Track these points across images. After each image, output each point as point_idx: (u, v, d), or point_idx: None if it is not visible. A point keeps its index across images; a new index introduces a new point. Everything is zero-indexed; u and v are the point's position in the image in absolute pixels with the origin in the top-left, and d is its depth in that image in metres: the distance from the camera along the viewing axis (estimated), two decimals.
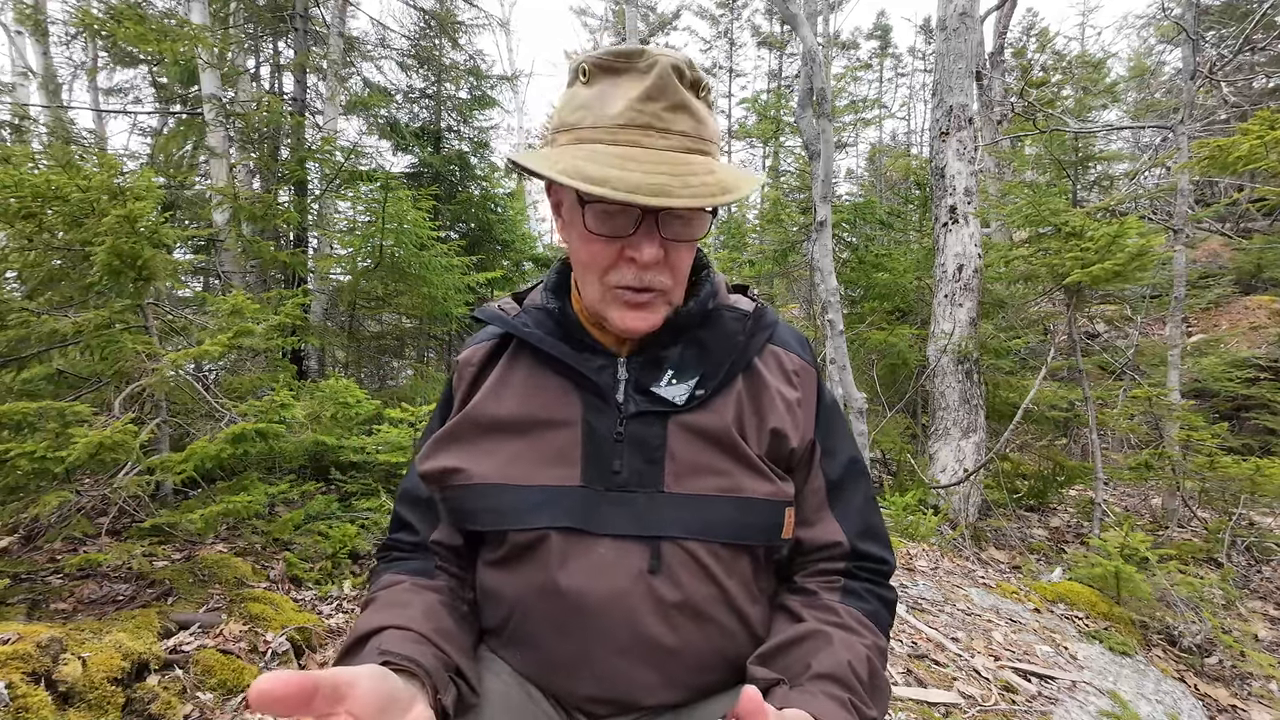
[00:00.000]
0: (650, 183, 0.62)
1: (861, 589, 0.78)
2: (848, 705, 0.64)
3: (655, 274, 0.71)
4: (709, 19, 23.11)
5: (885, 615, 0.78)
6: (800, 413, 0.79)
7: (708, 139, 0.71)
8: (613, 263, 0.71)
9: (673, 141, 0.67)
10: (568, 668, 0.72)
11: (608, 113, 0.67)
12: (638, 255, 0.69)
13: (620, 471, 0.73)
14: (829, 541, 0.79)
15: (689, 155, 0.67)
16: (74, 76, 7.74)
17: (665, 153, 0.66)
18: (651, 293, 0.72)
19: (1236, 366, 6.33)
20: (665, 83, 0.67)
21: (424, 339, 5.98)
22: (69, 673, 1.34)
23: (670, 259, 0.71)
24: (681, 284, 0.76)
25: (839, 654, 0.68)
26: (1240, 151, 3.34)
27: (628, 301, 0.72)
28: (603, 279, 0.72)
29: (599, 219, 0.68)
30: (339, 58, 5.44)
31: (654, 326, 0.74)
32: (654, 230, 0.68)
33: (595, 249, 0.71)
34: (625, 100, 0.67)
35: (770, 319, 0.84)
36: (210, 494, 2.42)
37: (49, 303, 2.37)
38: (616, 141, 0.66)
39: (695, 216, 0.70)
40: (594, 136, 0.68)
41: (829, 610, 0.75)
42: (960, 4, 4.85)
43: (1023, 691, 1.99)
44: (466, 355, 0.85)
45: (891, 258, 6.60)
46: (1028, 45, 16.13)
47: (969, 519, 4.37)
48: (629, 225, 0.68)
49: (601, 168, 0.63)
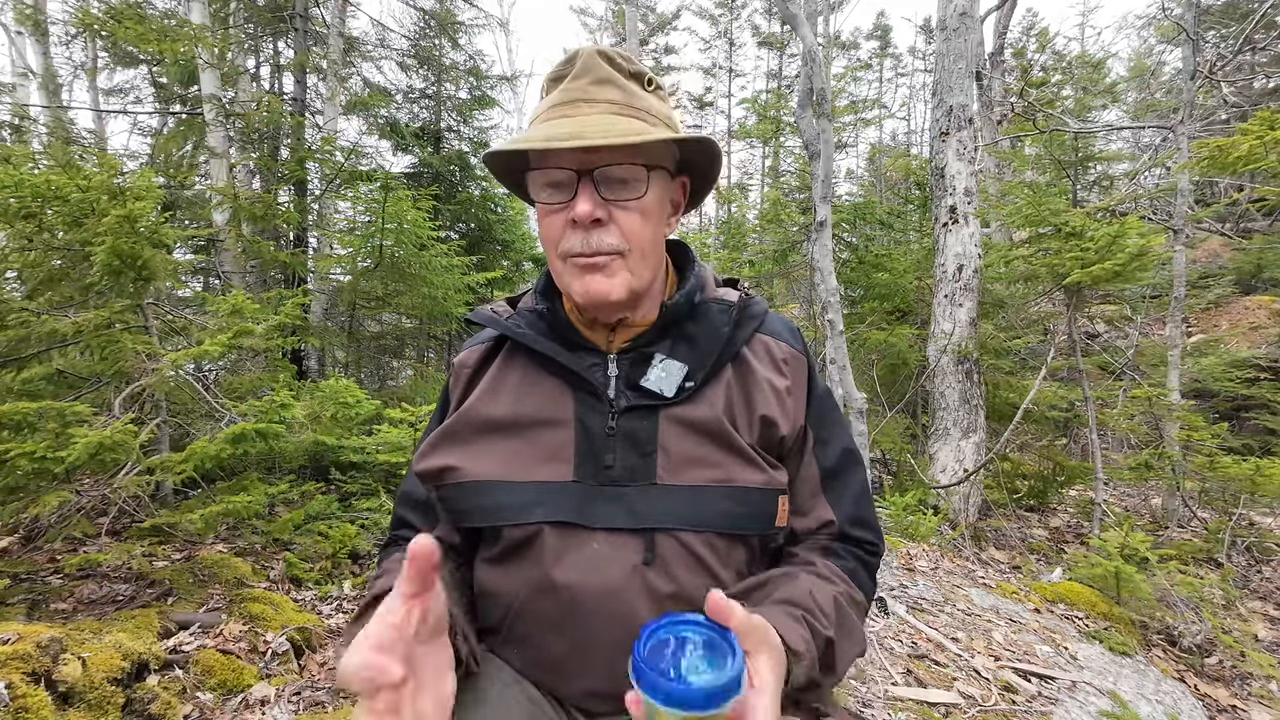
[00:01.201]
0: (564, 132, 0.68)
1: (842, 549, 0.80)
2: (801, 620, 0.65)
3: (601, 235, 0.72)
4: (708, 19, 23.13)
5: (863, 575, 0.80)
6: (790, 401, 0.80)
7: (641, 109, 0.74)
8: (561, 231, 0.73)
9: (600, 107, 0.72)
10: (565, 663, 0.73)
11: (545, 104, 0.75)
12: (574, 214, 0.71)
13: (613, 466, 0.74)
14: (823, 522, 0.81)
15: (616, 117, 0.72)
16: (74, 76, 7.73)
17: (591, 115, 0.71)
18: (602, 255, 0.72)
19: (1236, 366, 6.33)
20: (589, 63, 0.73)
21: (424, 339, 5.98)
22: (69, 673, 1.34)
23: (617, 220, 0.72)
24: (643, 253, 0.75)
25: (802, 585, 0.71)
26: (1240, 151, 3.34)
27: (581, 265, 0.73)
28: (558, 251, 0.75)
29: (543, 190, 0.74)
30: (339, 58, 5.44)
31: (615, 291, 0.73)
32: (590, 190, 0.71)
33: (547, 222, 0.75)
34: (559, 88, 0.75)
35: (758, 309, 0.85)
36: (210, 494, 2.42)
37: (49, 303, 2.37)
38: (549, 119, 0.72)
39: (631, 175, 0.71)
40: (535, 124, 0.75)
41: (805, 562, 0.77)
42: (960, 4, 4.85)
43: (1023, 691, 1.99)
44: (462, 357, 0.87)
45: (891, 258, 6.59)
46: (1027, 45, 16.14)
47: (969, 519, 4.37)
48: (569, 191, 0.72)
49: (531, 135, 0.70)
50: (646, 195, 0.73)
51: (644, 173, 0.72)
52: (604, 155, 0.70)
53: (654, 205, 0.75)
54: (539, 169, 0.73)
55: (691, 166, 0.82)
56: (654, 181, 0.73)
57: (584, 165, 0.70)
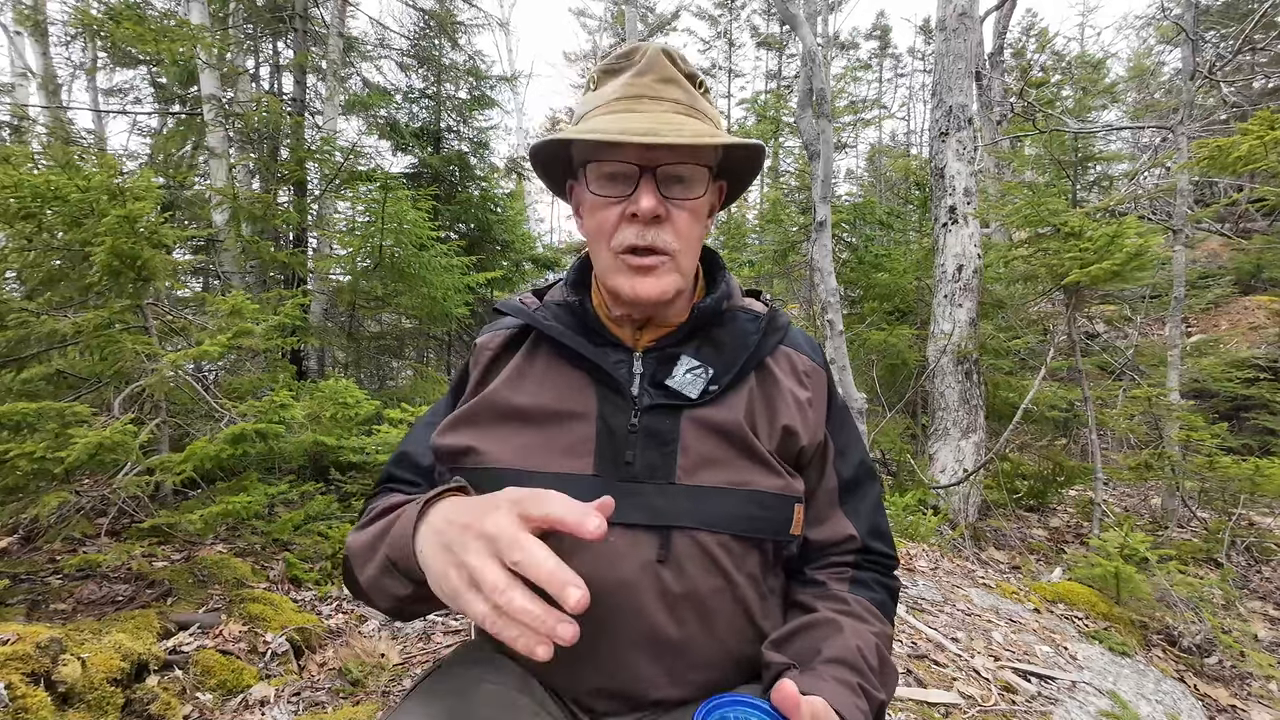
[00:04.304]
0: (639, 127, 0.68)
1: (869, 579, 0.81)
2: (857, 689, 0.66)
3: (657, 232, 0.73)
4: (708, 19, 23.13)
5: (891, 605, 0.82)
6: (811, 413, 0.81)
7: (703, 111, 0.75)
8: (616, 224, 0.74)
9: (665, 105, 0.73)
10: (571, 658, 0.72)
11: (607, 95, 0.75)
12: (637, 209, 0.71)
13: (633, 463, 0.74)
14: (843, 536, 0.82)
15: (683, 118, 0.72)
16: (73, 77, 7.73)
17: (658, 113, 0.72)
18: (656, 255, 0.73)
19: (1236, 366, 6.33)
20: (654, 60, 0.74)
21: (423, 339, 5.98)
22: (68, 673, 1.34)
23: (673, 219, 0.73)
24: (689, 253, 0.77)
25: (849, 640, 0.71)
26: (1240, 151, 3.34)
27: (634, 266, 0.74)
28: (610, 243, 0.75)
29: (601, 182, 0.74)
30: (338, 58, 5.44)
31: (664, 293, 0.74)
32: (652, 185, 0.71)
33: (601, 215, 0.75)
34: (622, 81, 0.75)
35: (783, 322, 0.86)
36: (210, 494, 2.42)
37: (49, 303, 2.37)
38: (613, 111, 0.73)
39: (693, 175, 0.73)
40: (594, 114, 0.75)
41: (839, 600, 0.78)
42: (960, 4, 4.85)
43: (1022, 692, 1.99)
44: (484, 340, 0.87)
45: (891, 258, 6.60)
46: (1027, 45, 16.14)
47: (969, 519, 4.37)
48: (629, 185, 0.72)
49: (596, 126, 0.71)
50: (704, 196, 0.75)
51: (704, 174, 0.74)
52: (668, 153, 0.71)
53: (703, 206, 0.77)
54: (600, 161, 0.73)
55: (729, 171, 0.83)
56: (709, 183, 0.75)
57: (649, 161, 0.71)
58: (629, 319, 0.81)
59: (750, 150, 0.78)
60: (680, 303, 0.82)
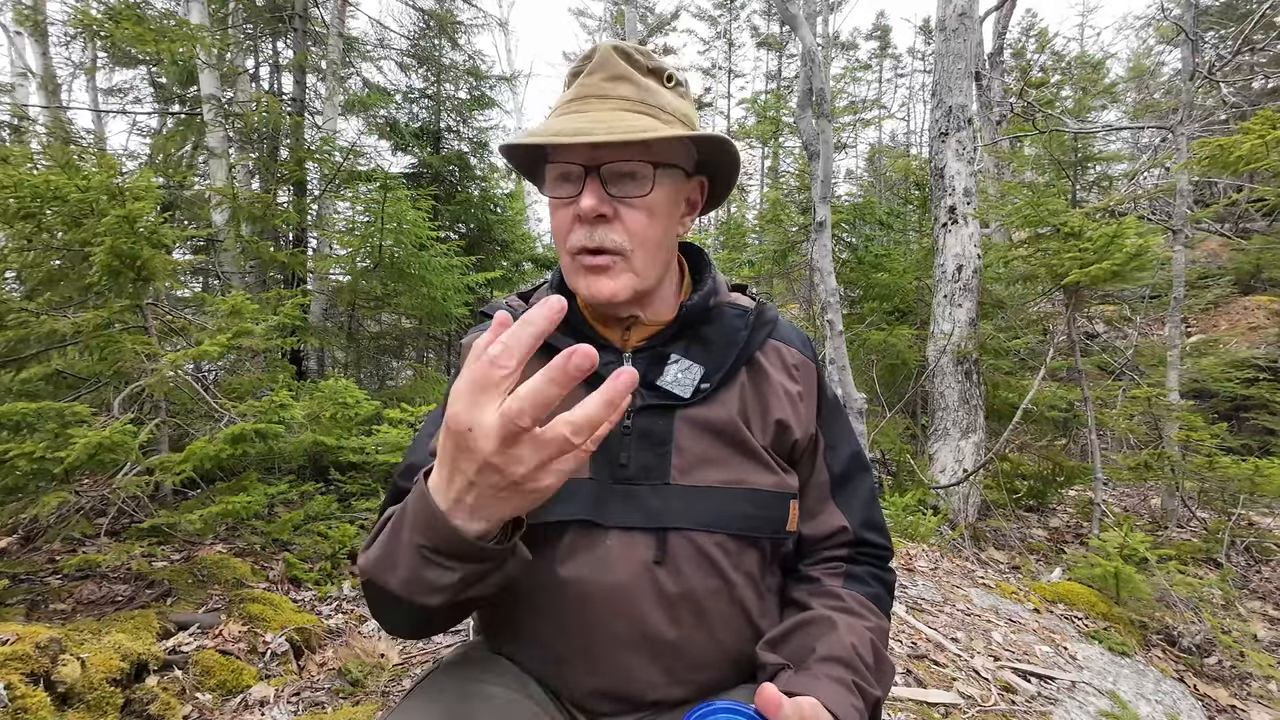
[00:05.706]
0: (573, 128, 0.68)
1: (863, 573, 0.81)
2: (851, 686, 0.66)
3: (605, 231, 0.72)
4: (707, 20, 23.14)
5: (886, 598, 0.82)
6: (802, 406, 0.81)
7: (656, 105, 0.74)
8: (570, 225, 0.74)
9: (611, 104, 0.72)
10: (570, 660, 0.73)
11: (564, 98, 0.76)
12: (579, 209, 0.71)
13: (627, 464, 0.73)
14: (835, 529, 0.81)
15: (626, 114, 0.72)
16: (73, 77, 7.73)
17: (601, 111, 0.71)
18: (606, 254, 0.72)
19: (1235, 367, 6.34)
20: (604, 59, 0.74)
21: (423, 339, 5.98)
22: (68, 673, 1.34)
23: (623, 217, 0.72)
24: (647, 252, 0.75)
25: (843, 637, 0.71)
26: (1241, 151, 3.35)
27: (587, 266, 0.73)
28: (565, 246, 0.74)
29: (554, 184, 0.74)
30: (338, 58, 5.44)
31: (616, 294, 0.73)
32: (597, 185, 0.71)
33: (558, 217, 0.75)
34: (578, 83, 0.75)
35: (771, 315, 0.86)
36: (209, 494, 2.42)
37: (48, 303, 2.37)
38: (561, 113, 0.73)
39: (639, 171, 0.71)
40: (550, 117, 0.75)
41: (833, 596, 0.77)
42: (959, 4, 4.85)
43: (1022, 692, 1.99)
44: (472, 339, 0.85)
45: (891, 258, 6.60)
46: (1027, 46, 16.14)
47: (968, 519, 4.37)
48: (578, 185, 0.72)
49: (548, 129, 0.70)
50: (653, 193, 0.72)
51: (650, 170, 0.72)
52: (611, 151, 0.70)
53: (662, 203, 0.75)
54: (553, 163, 0.74)
55: (711, 166, 0.82)
56: (662, 179, 0.73)
57: (592, 161, 0.70)
58: (616, 320, 0.80)
59: (715, 143, 0.76)
60: (659, 302, 0.81)
